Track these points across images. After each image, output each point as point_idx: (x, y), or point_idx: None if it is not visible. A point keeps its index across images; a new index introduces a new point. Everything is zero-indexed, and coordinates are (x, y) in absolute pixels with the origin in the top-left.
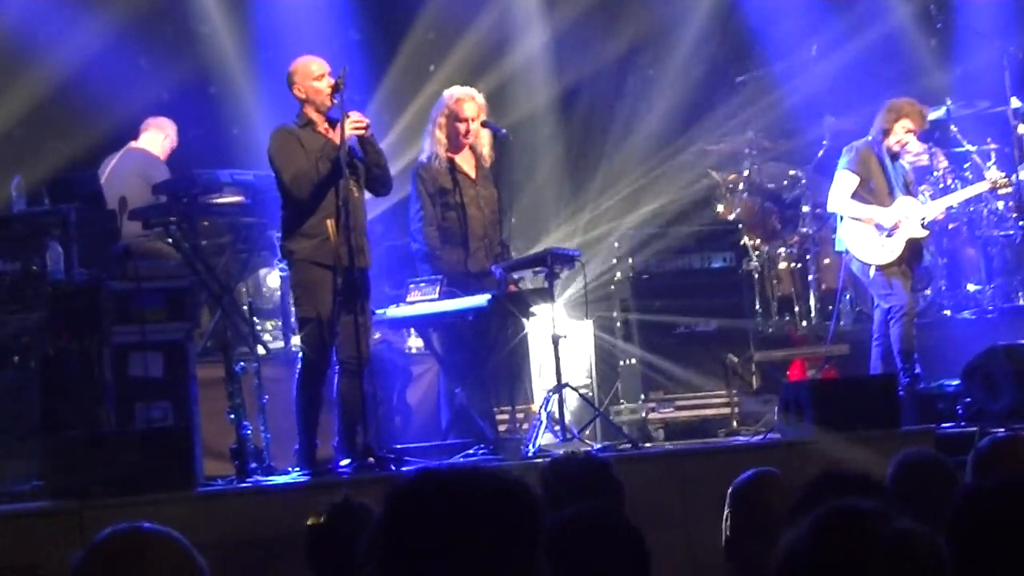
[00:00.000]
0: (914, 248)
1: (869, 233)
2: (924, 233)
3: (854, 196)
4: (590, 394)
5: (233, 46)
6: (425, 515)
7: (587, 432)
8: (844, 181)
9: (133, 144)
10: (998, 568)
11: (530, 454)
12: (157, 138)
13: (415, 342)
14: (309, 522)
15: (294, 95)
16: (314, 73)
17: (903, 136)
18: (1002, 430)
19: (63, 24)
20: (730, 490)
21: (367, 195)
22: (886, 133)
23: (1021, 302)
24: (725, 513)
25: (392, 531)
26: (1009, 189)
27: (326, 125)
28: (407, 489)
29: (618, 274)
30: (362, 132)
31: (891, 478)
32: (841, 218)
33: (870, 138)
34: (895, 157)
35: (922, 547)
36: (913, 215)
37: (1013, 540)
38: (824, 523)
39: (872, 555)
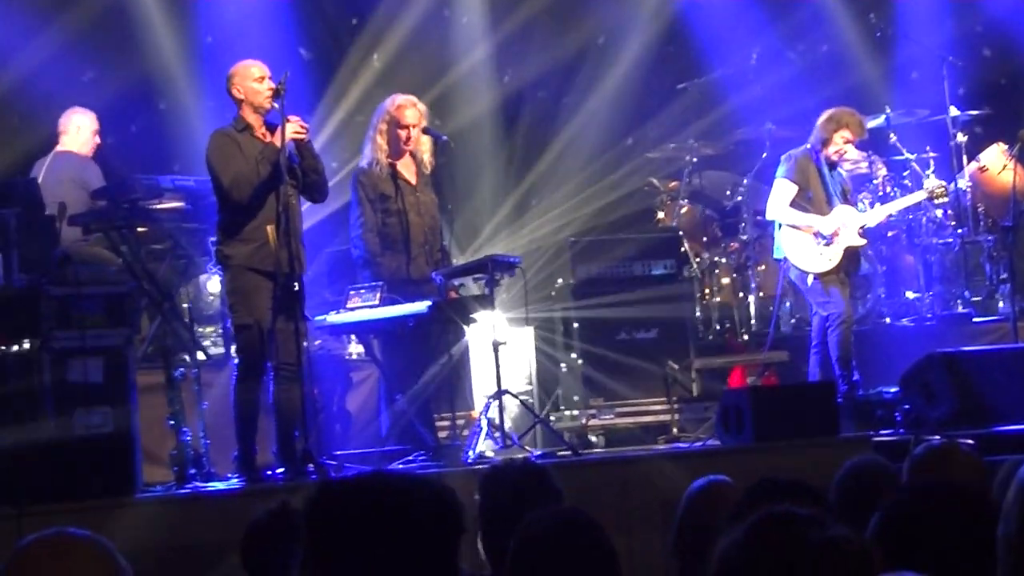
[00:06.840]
0: (852, 256)
1: (807, 241)
2: (862, 241)
3: (792, 205)
4: (530, 401)
5: (175, 51)
6: (333, 529)
7: (527, 439)
8: (782, 190)
9: (59, 148)
10: (929, 569)
11: (470, 461)
12: (77, 138)
13: (355, 348)
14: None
15: (232, 96)
16: (254, 75)
17: (842, 146)
18: (937, 437)
19: (2, 30)
20: (683, 497)
21: (304, 203)
22: (825, 143)
23: (959, 310)
24: (675, 520)
25: (309, 549)
26: (946, 198)
27: (264, 130)
28: (316, 503)
29: (559, 281)
30: (302, 137)
31: (836, 483)
32: (779, 226)
33: (808, 147)
34: (833, 166)
35: (852, 555)
36: (851, 223)
37: (942, 544)
38: (758, 529)
39: (802, 562)
